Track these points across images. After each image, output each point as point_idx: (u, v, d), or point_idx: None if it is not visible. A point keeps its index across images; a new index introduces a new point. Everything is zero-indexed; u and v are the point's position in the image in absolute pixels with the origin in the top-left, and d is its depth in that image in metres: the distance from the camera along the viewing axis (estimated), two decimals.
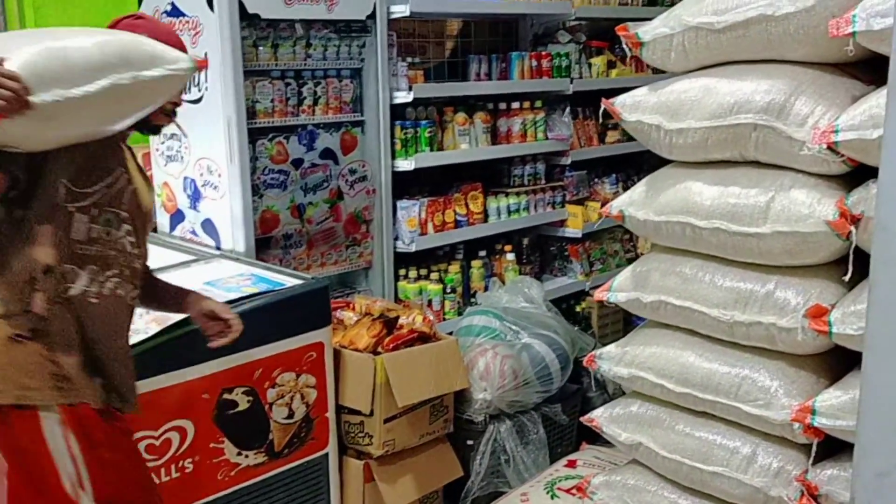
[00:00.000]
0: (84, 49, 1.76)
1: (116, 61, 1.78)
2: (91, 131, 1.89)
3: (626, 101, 1.86)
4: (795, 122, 1.60)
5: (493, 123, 3.82)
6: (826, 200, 1.58)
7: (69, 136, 1.83)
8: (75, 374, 1.88)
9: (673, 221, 1.77)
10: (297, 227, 3.28)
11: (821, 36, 1.56)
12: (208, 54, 2.92)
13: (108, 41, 1.81)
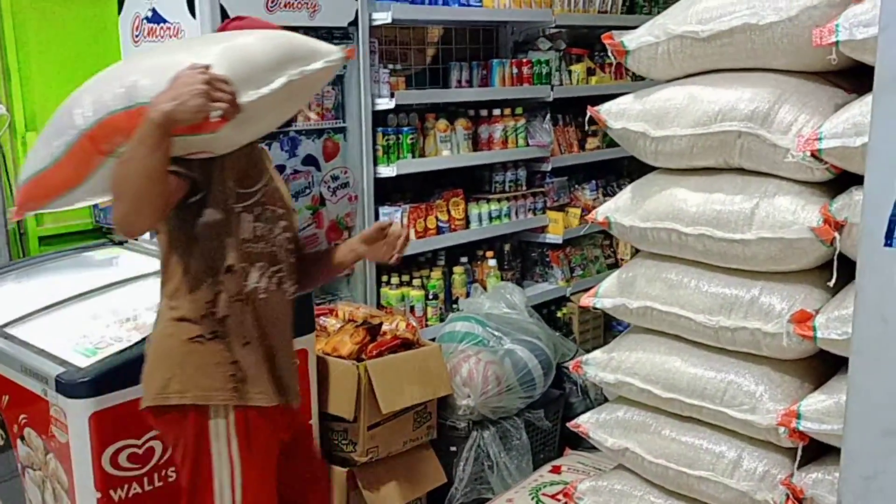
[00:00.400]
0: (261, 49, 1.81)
1: (288, 58, 1.83)
2: (267, 129, 1.96)
3: (612, 109, 1.87)
4: (779, 130, 1.62)
5: (474, 130, 3.83)
6: (810, 207, 1.60)
7: (252, 135, 1.90)
8: (253, 372, 1.94)
9: (658, 228, 1.79)
10: None
11: (804, 45, 1.58)
12: None
13: (275, 39, 1.86)
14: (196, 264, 1.95)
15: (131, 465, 2.27)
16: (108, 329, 2.49)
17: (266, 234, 1.99)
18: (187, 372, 1.90)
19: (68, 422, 2.20)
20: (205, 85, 1.62)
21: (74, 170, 1.86)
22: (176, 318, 1.96)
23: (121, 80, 1.79)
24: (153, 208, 1.74)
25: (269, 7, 2.98)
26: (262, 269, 1.99)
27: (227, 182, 1.93)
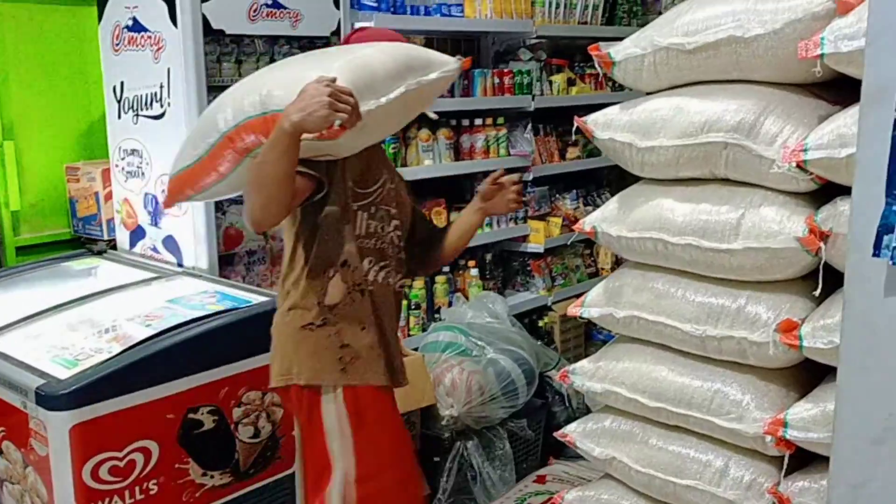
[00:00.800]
0: (381, 60, 1.97)
1: (405, 69, 1.99)
2: (384, 134, 2.15)
3: (599, 120, 1.88)
4: (765, 141, 1.63)
5: (456, 140, 3.84)
6: (795, 217, 1.61)
7: (370, 140, 2.05)
8: (365, 355, 2.11)
9: (646, 237, 1.80)
10: (261, 244, 3.24)
11: (788, 57, 1.60)
12: (171, 70, 2.89)
13: (394, 51, 2.03)
14: (316, 257, 2.12)
15: (112, 478, 2.24)
16: (88, 340, 2.45)
17: (378, 232, 2.17)
18: (300, 356, 2.10)
19: (48, 434, 2.17)
20: (329, 97, 1.77)
21: (215, 167, 2.09)
22: (290, 307, 2.16)
23: (258, 90, 2.00)
24: (281, 205, 1.91)
25: (251, 17, 2.96)
26: (371, 262, 2.16)
27: (347, 182, 2.10)
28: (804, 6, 1.58)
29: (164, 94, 2.93)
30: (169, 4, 2.82)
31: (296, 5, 3.09)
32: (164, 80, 2.91)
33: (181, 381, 2.37)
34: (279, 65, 2.27)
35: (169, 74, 2.90)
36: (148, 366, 2.30)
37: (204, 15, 2.84)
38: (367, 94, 1.90)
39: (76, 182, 3.29)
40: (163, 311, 2.61)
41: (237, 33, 2.98)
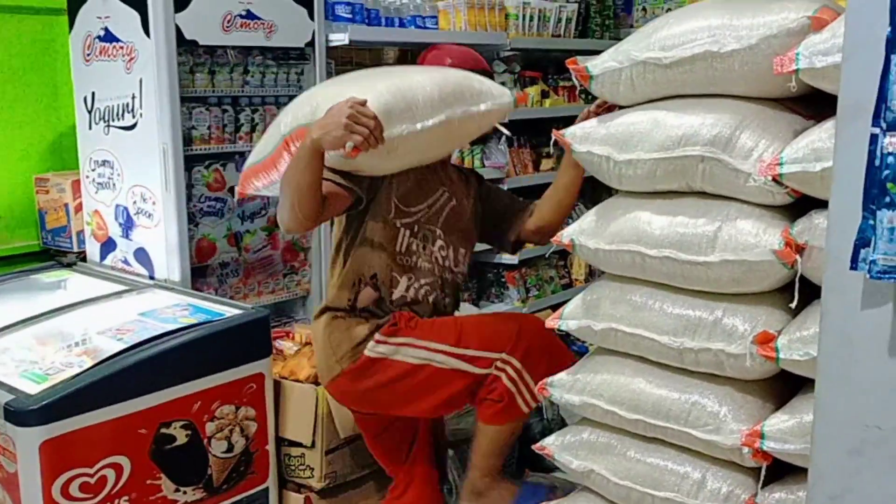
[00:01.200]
0: (426, 88, 2.04)
1: (453, 98, 2.07)
2: (427, 158, 2.20)
3: (576, 133, 1.89)
4: (741, 155, 1.65)
5: None
6: (771, 230, 1.63)
7: (403, 164, 2.13)
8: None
9: (623, 250, 1.80)
10: (234, 256, 3.21)
11: (763, 72, 1.62)
12: (143, 81, 2.86)
13: (445, 80, 2.11)
14: (350, 266, 2.25)
15: (83, 494, 2.20)
16: (58, 354, 2.41)
17: (419, 250, 2.25)
18: (337, 346, 2.26)
19: (17, 451, 2.13)
20: (348, 118, 1.87)
21: (276, 165, 2.23)
22: (323, 309, 2.34)
23: (311, 100, 2.16)
24: (305, 213, 2.01)
25: (225, 27, 2.95)
26: (411, 279, 2.25)
27: (392, 198, 2.20)
28: (779, 22, 1.60)
29: (136, 104, 2.90)
30: (142, 15, 2.79)
31: (270, 16, 3.08)
32: (136, 91, 2.89)
33: (153, 396, 2.35)
34: (339, 79, 2.44)
35: (141, 85, 2.87)
36: (119, 380, 2.27)
37: (177, 25, 2.82)
38: (402, 119, 1.97)
39: (45, 193, 3.24)
40: (134, 324, 2.57)
41: (211, 44, 2.96)
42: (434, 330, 2.24)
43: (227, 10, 2.94)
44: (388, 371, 2.25)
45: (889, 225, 1.15)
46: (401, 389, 2.28)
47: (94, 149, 3.09)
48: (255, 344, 2.64)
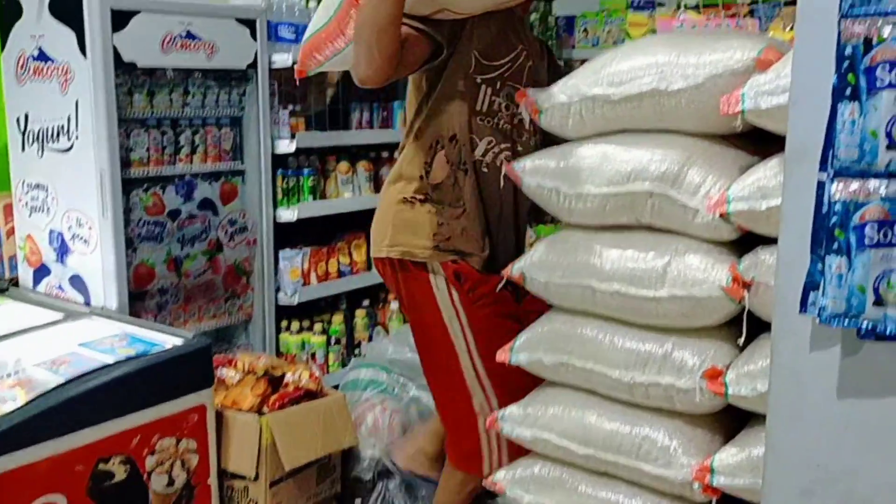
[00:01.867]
0: None
1: None
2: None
3: (526, 166, 1.89)
4: (689, 191, 1.67)
5: (375, 171, 3.81)
6: (719, 266, 1.65)
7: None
8: (462, 239, 2.08)
9: (574, 284, 1.81)
10: (174, 281, 3.13)
11: (710, 110, 1.64)
12: (79, 102, 2.77)
13: None
14: (426, 127, 2.09)
15: None
16: None
17: (501, 110, 2.09)
18: (396, 229, 2.13)
19: None
20: None
21: (342, 30, 2.04)
22: (396, 178, 2.17)
23: None
24: (383, 56, 1.86)
25: (164, 49, 2.88)
26: (491, 143, 2.09)
27: (472, 51, 2.03)
28: (724, 62, 1.62)
29: (71, 127, 2.81)
30: (78, 34, 2.71)
31: (211, 37, 3.02)
32: (72, 113, 2.80)
33: (91, 431, 2.26)
34: None
35: (77, 107, 2.78)
36: (56, 416, 2.19)
37: (115, 46, 2.74)
38: None
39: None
40: (71, 355, 2.48)
41: (150, 66, 2.89)
42: (491, 332, 2.10)
43: (167, 31, 2.87)
44: (424, 309, 2.16)
45: (837, 271, 1.17)
46: (419, 327, 2.22)
47: (27, 171, 2.99)
48: (197, 374, 2.57)
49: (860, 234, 1.15)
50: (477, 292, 2.11)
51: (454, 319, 2.12)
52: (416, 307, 2.20)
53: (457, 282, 2.10)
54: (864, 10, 1.12)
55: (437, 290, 2.12)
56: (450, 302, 2.12)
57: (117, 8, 2.73)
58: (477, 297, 2.11)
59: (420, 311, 2.20)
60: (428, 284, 2.13)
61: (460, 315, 2.12)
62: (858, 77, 1.13)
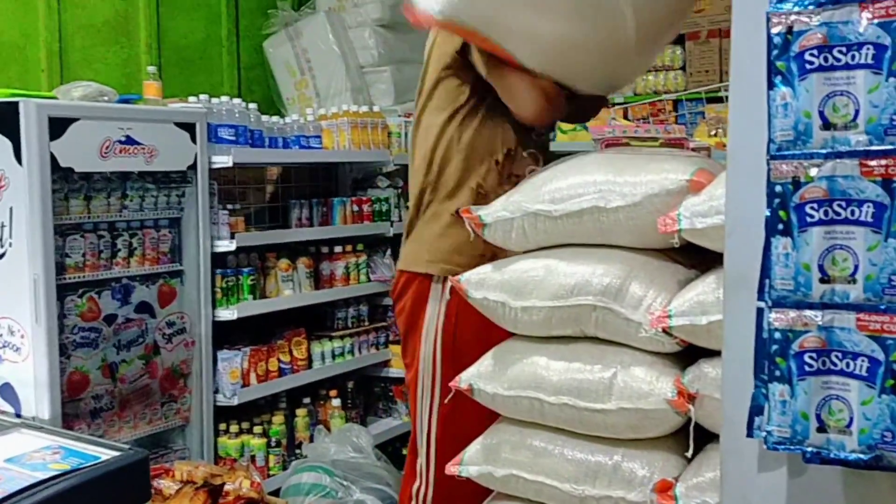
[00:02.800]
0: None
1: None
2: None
3: (472, 279, 1.92)
4: (631, 305, 1.71)
5: (316, 267, 3.81)
6: (664, 378, 1.69)
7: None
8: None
9: (522, 396, 1.82)
10: (109, 388, 3.05)
11: (648, 227, 1.71)
12: (14, 209, 2.72)
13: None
14: (480, 141, 2.17)
15: None
16: None
17: (536, 127, 2.21)
18: (441, 246, 2.19)
19: None
20: None
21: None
22: (433, 197, 2.23)
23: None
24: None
25: (103, 154, 2.87)
26: (536, 160, 2.19)
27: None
28: (660, 182, 1.70)
29: (5, 233, 2.75)
30: (14, 143, 2.68)
31: (151, 141, 3.02)
32: (6, 220, 2.74)
33: None
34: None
35: (11, 214, 2.73)
36: None
37: (52, 153, 2.71)
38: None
39: None
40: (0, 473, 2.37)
41: (87, 171, 2.86)
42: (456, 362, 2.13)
43: (106, 137, 2.86)
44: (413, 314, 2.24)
45: (781, 398, 1.21)
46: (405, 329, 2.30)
47: None
48: (134, 489, 2.47)
49: (800, 361, 1.20)
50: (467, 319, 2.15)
51: (432, 322, 2.21)
52: (407, 309, 2.29)
53: (453, 300, 2.16)
54: (790, 152, 1.19)
55: (434, 298, 2.22)
56: (437, 308, 2.21)
57: (55, 116, 2.71)
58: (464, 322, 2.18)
59: (409, 311, 2.29)
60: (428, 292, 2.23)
61: (440, 320, 2.21)
62: (790, 213, 1.19)
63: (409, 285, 2.28)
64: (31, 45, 3.70)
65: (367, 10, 4.74)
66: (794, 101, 1.18)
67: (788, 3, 1.19)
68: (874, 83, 1.13)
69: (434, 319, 2.19)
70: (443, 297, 2.17)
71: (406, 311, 2.28)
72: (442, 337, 2.19)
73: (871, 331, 1.15)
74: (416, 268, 2.25)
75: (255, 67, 4.75)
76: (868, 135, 1.14)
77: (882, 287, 1.14)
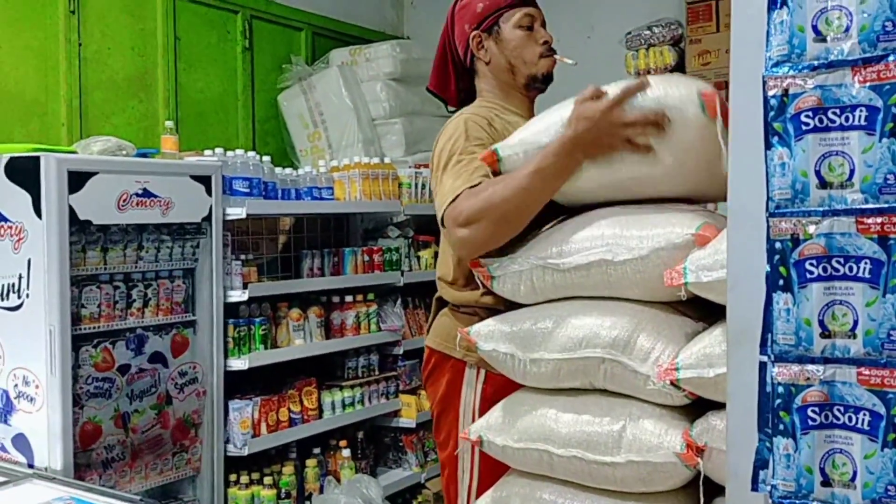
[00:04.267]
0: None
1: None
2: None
3: (481, 331, 1.95)
4: (639, 357, 1.73)
5: (326, 317, 3.84)
6: (673, 431, 1.70)
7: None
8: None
9: (531, 448, 1.83)
10: (121, 438, 3.06)
11: (655, 280, 1.74)
12: (31, 261, 2.77)
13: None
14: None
15: None
16: None
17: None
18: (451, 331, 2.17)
19: None
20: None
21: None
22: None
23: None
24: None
25: (120, 206, 2.93)
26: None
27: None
28: (666, 236, 1.73)
29: (22, 285, 2.80)
30: (34, 196, 2.74)
31: (167, 194, 3.08)
32: (24, 271, 2.79)
33: None
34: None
35: (29, 265, 2.78)
36: None
37: (71, 206, 2.77)
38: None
39: None
40: None
41: (105, 223, 2.92)
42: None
43: (124, 190, 2.92)
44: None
45: (785, 452, 1.22)
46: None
47: None
48: None
49: (803, 415, 1.22)
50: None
51: (468, 408, 2.18)
52: (442, 394, 2.25)
53: (488, 388, 2.16)
54: (789, 210, 1.23)
55: (468, 384, 2.19)
56: (472, 396, 2.18)
57: (74, 170, 2.78)
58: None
59: (443, 395, 2.25)
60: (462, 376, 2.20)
61: (475, 407, 2.16)
62: (790, 269, 1.22)
63: (441, 366, 2.24)
64: (52, 100, 3.80)
65: (378, 64, 4.84)
66: (791, 161, 1.22)
67: (784, 67, 1.23)
68: (868, 143, 1.17)
69: (470, 405, 2.15)
70: (478, 381, 2.15)
71: (440, 395, 2.24)
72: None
73: (871, 385, 1.17)
74: (451, 352, 2.21)
75: (269, 120, 4.85)
76: (863, 193, 1.17)
77: (881, 342, 1.16)
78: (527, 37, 2.26)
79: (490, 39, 2.28)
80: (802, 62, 1.22)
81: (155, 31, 4.18)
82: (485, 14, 2.28)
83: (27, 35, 3.70)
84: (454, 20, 2.35)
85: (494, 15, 2.28)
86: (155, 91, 4.19)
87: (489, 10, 2.28)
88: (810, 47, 1.22)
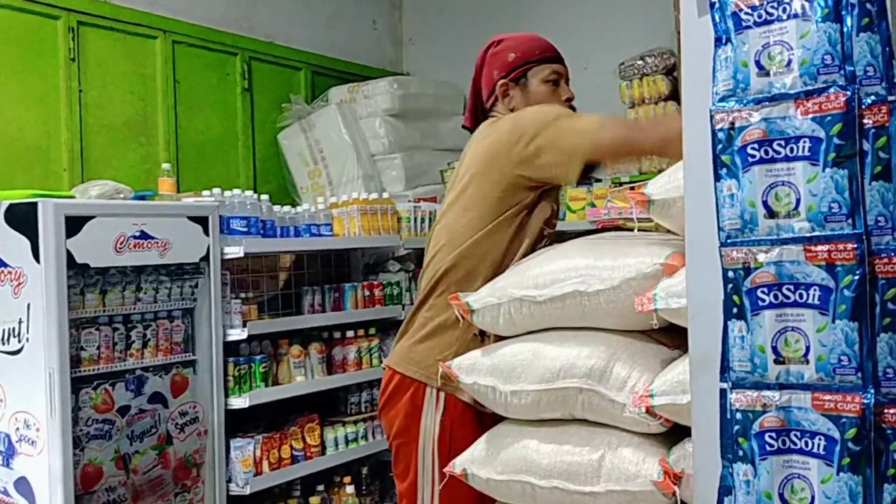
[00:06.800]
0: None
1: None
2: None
3: (462, 364, 1.97)
4: (615, 386, 1.75)
5: (328, 353, 3.87)
6: (650, 459, 1.71)
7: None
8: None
9: (514, 480, 1.85)
10: (122, 479, 3.09)
11: (628, 309, 1.76)
12: (31, 305, 2.83)
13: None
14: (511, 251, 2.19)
15: None
16: None
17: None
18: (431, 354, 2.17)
19: None
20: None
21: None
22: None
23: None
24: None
25: (117, 249, 2.98)
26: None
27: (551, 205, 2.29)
28: (636, 266, 1.75)
29: (22, 329, 2.86)
30: (32, 241, 2.80)
31: (164, 235, 3.13)
32: (24, 316, 2.85)
33: None
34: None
35: (29, 310, 2.84)
36: None
37: (69, 250, 2.83)
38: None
39: None
40: None
41: (103, 266, 2.97)
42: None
43: (121, 233, 2.98)
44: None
45: (745, 478, 1.24)
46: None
47: None
48: None
49: (761, 441, 1.23)
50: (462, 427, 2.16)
51: (429, 430, 2.19)
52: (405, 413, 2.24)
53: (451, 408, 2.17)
54: (739, 240, 1.25)
55: (428, 402, 2.19)
56: (433, 416, 2.18)
57: (72, 214, 2.84)
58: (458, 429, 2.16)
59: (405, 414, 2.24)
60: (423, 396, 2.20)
61: (436, 427, 2.18)
62: (742, 298, 1.25)
63: (402, 390, 2.22)
64: (53, 146, 3.89)
65: (377, 101, 4.92)
66: (739, 192, 1.25)
67: (730, 101, 1.27)
68: (812, 173, 1.19)
69: (430, 433, 2.15)
70: (438, 409, 2.15)
71: (397, 427, 2.23)
72: (438, 449, 2.15)
73: (825, 409, 1.18)
74: (414, 374, 2.20)
75: (269, 159, 4.92)
76: (810, 221, 1.20)
77: (833, 367, 1.18)
78: (552, 92, 2.35)
79: (517, 89, 2.36)
80: (747, 96, 1.25)
81: (154, 75, 4.28)
82: (515, 64, 2.36)
83: (29, 82, 3.80)
84: (484, 63, 2.42)
85: (524, 67, 2.36)
86: (155, 134, 4.28)
87: (519, 62, 2.36)
88: (754, 81, 1.25)
